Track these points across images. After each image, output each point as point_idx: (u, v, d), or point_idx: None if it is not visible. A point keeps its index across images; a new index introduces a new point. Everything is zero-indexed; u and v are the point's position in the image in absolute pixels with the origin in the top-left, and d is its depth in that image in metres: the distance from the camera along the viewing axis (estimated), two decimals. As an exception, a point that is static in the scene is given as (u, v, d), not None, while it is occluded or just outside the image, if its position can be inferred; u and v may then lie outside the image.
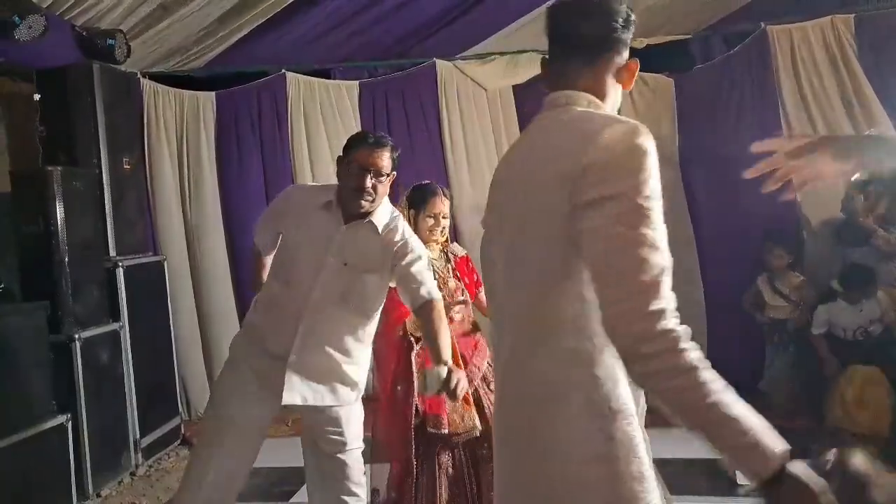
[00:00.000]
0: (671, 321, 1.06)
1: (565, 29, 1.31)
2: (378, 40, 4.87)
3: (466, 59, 5.22)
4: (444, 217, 2.87)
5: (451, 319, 2.85)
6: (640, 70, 1.40)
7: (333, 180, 2.41)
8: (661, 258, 1.09)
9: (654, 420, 1.32)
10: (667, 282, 1.08)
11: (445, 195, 2.92)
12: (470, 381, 2.81)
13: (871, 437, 3.80)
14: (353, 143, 2.31)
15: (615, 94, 1.35)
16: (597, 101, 1.31)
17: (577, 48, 1.30)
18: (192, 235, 5.06)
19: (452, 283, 2.93)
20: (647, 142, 1.17)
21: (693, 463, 3.31)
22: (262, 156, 5.17)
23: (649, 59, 5.00)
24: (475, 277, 3.05)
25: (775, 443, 1.04)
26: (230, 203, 5.14)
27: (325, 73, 5.22)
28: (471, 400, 2.72)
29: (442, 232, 2.91)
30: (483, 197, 5.20)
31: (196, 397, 4.95)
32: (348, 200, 2.27)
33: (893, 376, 3.87)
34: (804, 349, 4.36)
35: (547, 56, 1.38)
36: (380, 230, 2.30)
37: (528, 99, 5.15)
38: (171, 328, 4.49)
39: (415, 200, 2.88)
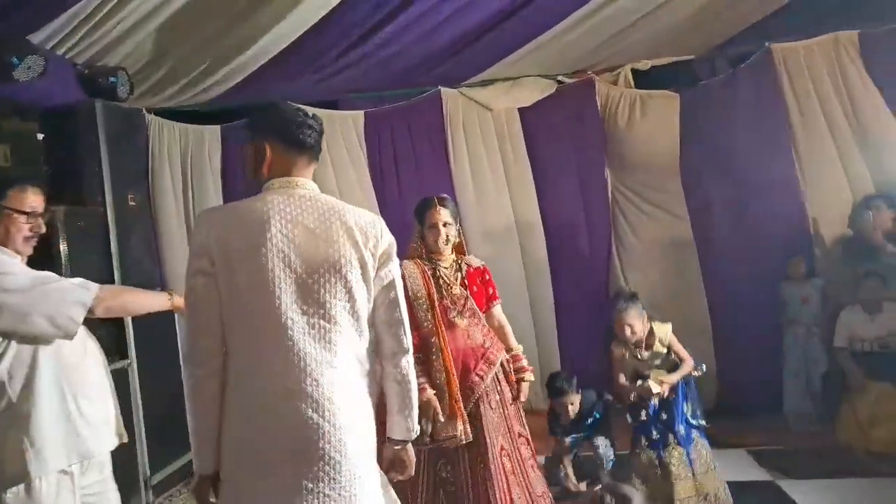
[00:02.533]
0: None
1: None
2: (384, 71, 4.88)
3: (471, 86, 5.23)
4: (444, 225, 2.97)
5: (454, 326, 2.89)
6: (647, 88, 1.43)
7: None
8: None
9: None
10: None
11: (444, 204, 3.01)
12: (468, 395, 2.82)
13: (886, 455, 3.74)
14: None
15: None
16: None
17: None
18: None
19: (458, 290, 2.98)
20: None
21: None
22: (268, 188, 5.16)
23: (655, 80, 5.11)
24: (490, 291, 3.10)
25: None
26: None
27: (331, 105, 5.23)
28: (460, 413, 2.75)
29: (446, 240, 2.98)
30: (491, 221, 5.21)
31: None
32: None
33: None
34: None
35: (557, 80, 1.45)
36: None
37: (535, 122, 5.17)
38: (181, 363, 4.45)
39: (417, 217, 3.05)
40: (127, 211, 4.21)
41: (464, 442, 2.75)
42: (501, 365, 2.97)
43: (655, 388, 3.40)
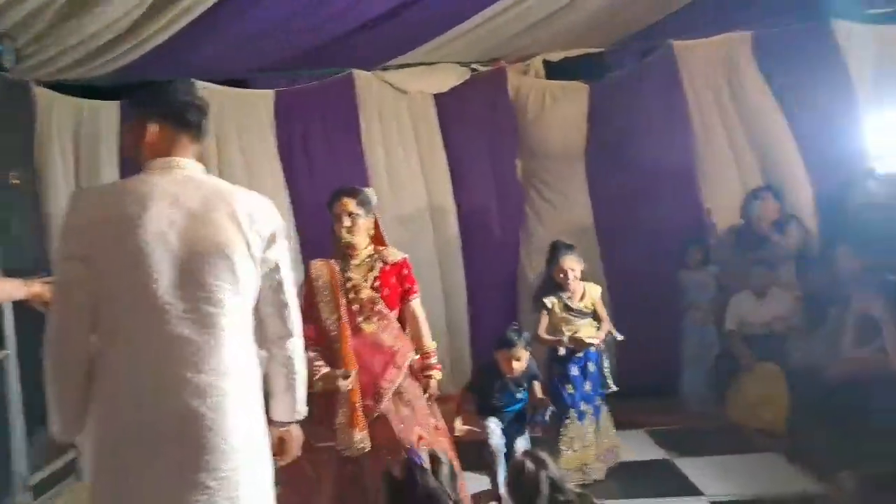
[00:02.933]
0: None
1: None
2: (294, 51, 4.75)
3: (386, 70, 5.18)
4: (350, 215, 2.91)
5: (361, 331, 2.85)
6: (558, 79, 1.50)
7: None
8: None
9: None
10: None
11: (351, 194, 2.95)
12: (378, 399, 2.80)
13: (771, 432, 4.02)
14: None
15: None
16: None
17: None
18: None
19: (366, 293, 2.93)
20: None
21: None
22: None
23: (565, 70, 5.22)
24: (406, 286, 3.03)
25: None
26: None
27: (239, 83, 5.05)
28: (358, 423, 2.72)
29: (349, 230, 2.91)
30: (404, 206, 5.17)
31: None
32: None
33: (790, 375, 4.10)
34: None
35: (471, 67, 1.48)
36: None
37: (449, 108, 5.18)
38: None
39: (328, 209, 3.00)
40: (7, 190, 3.93)
41: (364, 450, 2.72)
42: (410, 365, 2.95)
43: (592, 339, 3.65)
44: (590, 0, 4.52)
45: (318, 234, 4.79)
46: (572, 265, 3.77)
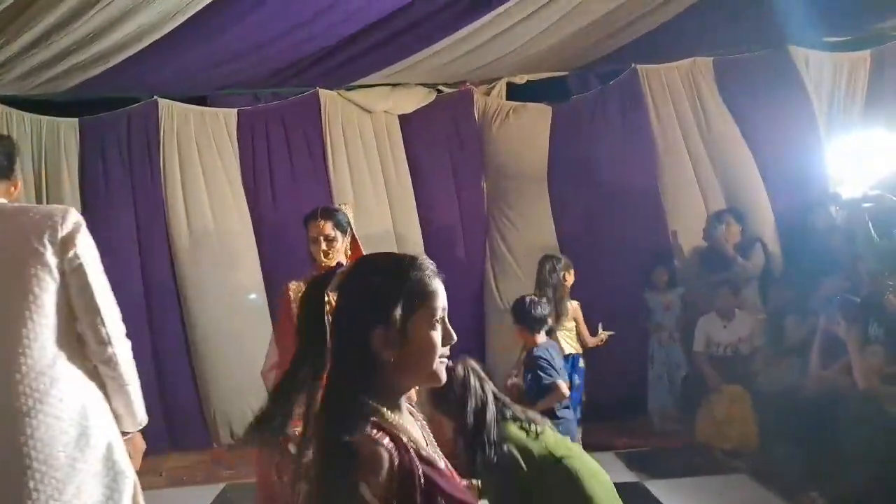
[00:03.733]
0: None
1: None
2: (259, 70, 4.70)
3: (351, 89, 5.16)
4: (326, 238, 2.84)
5: None
6: (521, 101, 1.50)
7: (209, 215, 2.25)
8: None
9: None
10: None
11: (327, 216, 2.88)
12: None
13: (739, 451, 4.02)
14: None
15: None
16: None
17: None
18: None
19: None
20: None
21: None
22: (132, 188, 4.82)
23: (529, 92, 5.26)
24: None
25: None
26: (96, 238, 4.73)
27: (201, 101, 4.98)
28: None
29: (326, 254, 2.85)
30: (369, 226, 5.07)
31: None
32: None
33: (755, 395, 4.13)
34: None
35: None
36: None
37: (415, 129, 5.17)
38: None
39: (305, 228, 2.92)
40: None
41: None
42: None
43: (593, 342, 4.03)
44: (555, 27, 4.55)
45: (280, 254, 4.73)
46: (570, 274, 4.15)
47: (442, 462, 1.21)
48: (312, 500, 1.10)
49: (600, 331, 4.20)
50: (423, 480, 1.07)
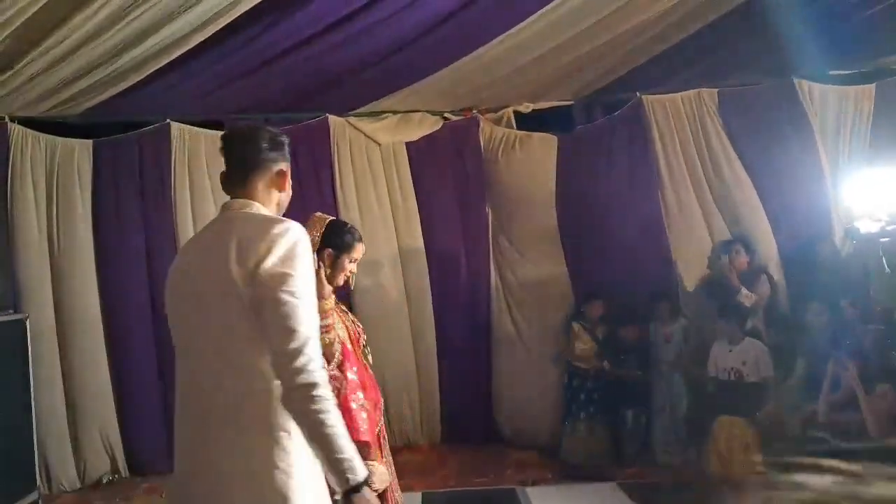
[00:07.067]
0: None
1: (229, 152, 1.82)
2: (270, 95, 4.79)
3: (359, 116, 5.24)
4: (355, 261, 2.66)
5: (368, 363, 2.66)
6: (527, 130, 1.56)
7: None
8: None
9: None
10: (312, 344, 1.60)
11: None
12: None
13: (743, 480, 3.96)
14: None
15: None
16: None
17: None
18: (61, 293, 4.68)
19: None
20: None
21: None
22: (143, 209, 4.91)
23: (534, 123, 5.31)
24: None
25: (360, 467, 1.58)
26: (107, 258, 4.83)
27: (213, 125, 5.07)
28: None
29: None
30: (377, 250, 5.13)
31: (58, 469, 4.50)
32: None
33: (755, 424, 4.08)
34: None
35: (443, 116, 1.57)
36: None
37: (421, 155, 5.23)
38: (32, 393, 4.09)
39: (334, 242, 2.59)
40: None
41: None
42: None
43: None
44: (556, 53, 4.60)
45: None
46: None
47: None
48: None
49: None
50: None
